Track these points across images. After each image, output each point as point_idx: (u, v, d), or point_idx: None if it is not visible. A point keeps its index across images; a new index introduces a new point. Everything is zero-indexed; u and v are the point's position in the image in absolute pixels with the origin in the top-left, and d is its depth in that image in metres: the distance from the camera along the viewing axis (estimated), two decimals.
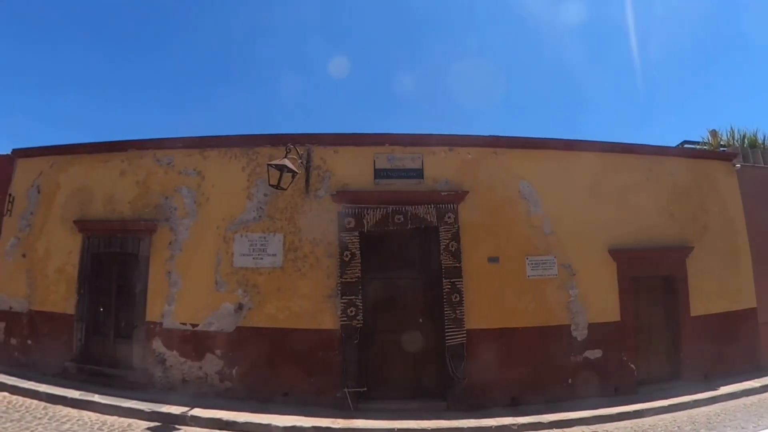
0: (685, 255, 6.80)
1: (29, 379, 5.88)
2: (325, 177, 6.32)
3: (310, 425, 5.08)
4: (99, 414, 5.23)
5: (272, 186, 5.66)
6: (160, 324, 6.15)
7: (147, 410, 5.24)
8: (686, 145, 9.28)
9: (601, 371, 6.18)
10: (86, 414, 5.21)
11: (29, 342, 6.57)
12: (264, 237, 6.21)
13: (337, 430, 5.05)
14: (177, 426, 5.08)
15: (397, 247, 6.24)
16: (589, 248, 6.42)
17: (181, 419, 5.17)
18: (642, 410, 5.64)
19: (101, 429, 4.83)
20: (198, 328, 6.07)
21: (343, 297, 5.91)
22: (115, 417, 5.19)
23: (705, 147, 9.29)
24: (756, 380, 6.49)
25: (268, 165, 5.63)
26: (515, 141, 6.60)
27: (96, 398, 5.43)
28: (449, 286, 5.96)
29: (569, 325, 6.21)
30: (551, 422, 5.32)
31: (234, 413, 5.25)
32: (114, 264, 6.56)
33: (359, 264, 5.97)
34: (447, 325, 5.89)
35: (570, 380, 6.09)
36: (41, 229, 6.83)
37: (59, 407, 5.33)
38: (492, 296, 6.06)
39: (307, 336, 5.92)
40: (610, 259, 6.49)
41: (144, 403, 5.37)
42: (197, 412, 5.24)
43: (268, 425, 5.07)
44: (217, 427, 5.09)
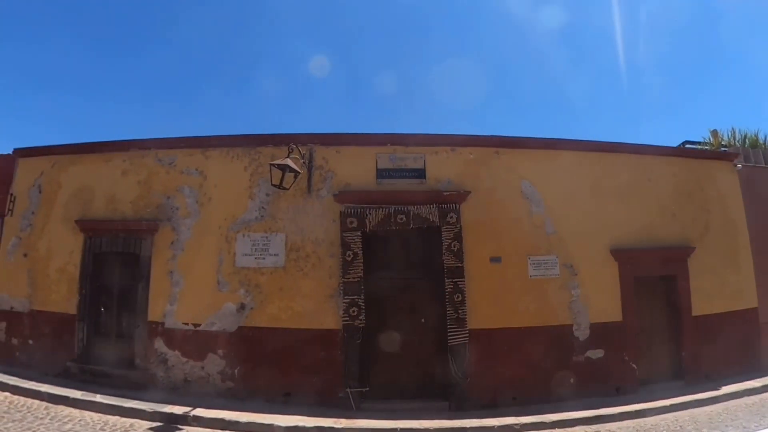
0: (687, 255, 6.81)
1: (31, 379, 5.87)
2: (327, 177, 6.32)
3: (313, 425, 5.07)
4: (101, 414, 5.23)
5: (274, 186, 5.66)
6: (162, 324, 6.15)
7: (149, 410, 5.23)
8: (687, 146, 9.30)
9: (603, 371, 6.18)
10: (88, 414, 5.21)
11: (30, 342, 6.55)
12: (266, 237, 6.21)
13: (340, 430, 5.05)
14: (179, 426, 5.07)
15: (400, 247, 6.24)
16: (591, 248, 6.43)
17: (184, 419, 5.16)
18: (644, 410, 5.64)
19: (103, 429, 4.83)
20: (200, 328, 6.06)
21: (346, 297, 5.91)
22: (117, 417, 5.18)
23: (706, 147, 9.32)
24: (757, 380, 6.50)
25: (271, 165, 5.63)
26: (517, 141, 6.61)
27: (98, 398, 5.43)
28: (451, 286, 5.96)
29: (571, 325, 6.22)
30: (553, 422, 5.33)
31: (236, 413, 5.24)
32: (116, 264, 6.55)
33: (361, 264, 5.97)
34: (449, 325, 5.89)
35: (572, 380, 6.09)
36: (42, 229, 6.82)
37: (61, 407, 5.33)
38: (494, 296, 6.06)
39: (310, 336, 5.92)
40: (612, 259, 6.49)
41: (146, 403, 5.36)
42: (199, 412, 5.24)
43: (271, 425, 5.06)
44: (220, 427, 5.08)
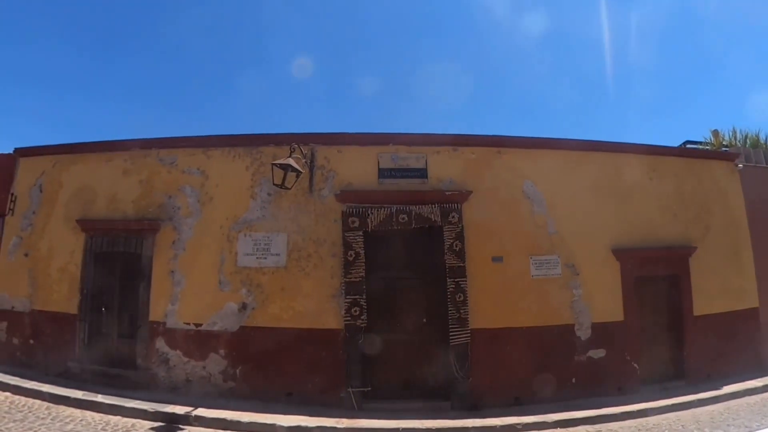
0: (688, 255, 6.82)
1: (32, 379, 5.85)
2: (329, 176, 6.31)
3: (315, 425, 5.06)
4: (102, 414, 5.22)
5: (276, 185, 5.65)
6: (164, 323, 6.14)
7: (151, 410, 5.22)
8: (688, 146, 9.31)
9: (605, 371, 6.18)
10: (89, 414, 5.19)
11: (31, 342, 6.54)
12: (268, 236, 6.20)
13: (342, 430, 5.04)
14: (181, 426, 5.06)
15: (401, 247, 6.22)
16: (593, 248, 6.43)
17: (185, 419, 5.15)
18: (646, 409, 5.65)
19: (105, 429, 4.81)
20: (201, 328, 6.06)
21: (347, 297, 5.90)
22: (119, 417, 5.17)
23: (707, 147, 9.32)
24: (759, 380, 6.51)
25: (273, 164, 5.62)
26: (519, 141, 6.60)
27: (99, 398, 5.41)
28: (453, 286, 5.95)
29: (573, 325, 6.21)
30: (555, 421, 5.32)
31: (238, 413, 5.23)
32: (117, 263, 6.52)
33: (363, 263, 5.96)
34: (451, 325, 5.89)
35: (574, 380, 6.09)
36: (44, 229, 6.81)
37: (62, 407, 5.31)
38: (496, 296, 6.06)
39: (311, 336, 5.91)
40: (614, 259, 6.49)
41: (147, 403, 5.35)
42: (201, 412, 5.23)
43: (273, 425, 5.05)
44: (222, 427, 5.07)
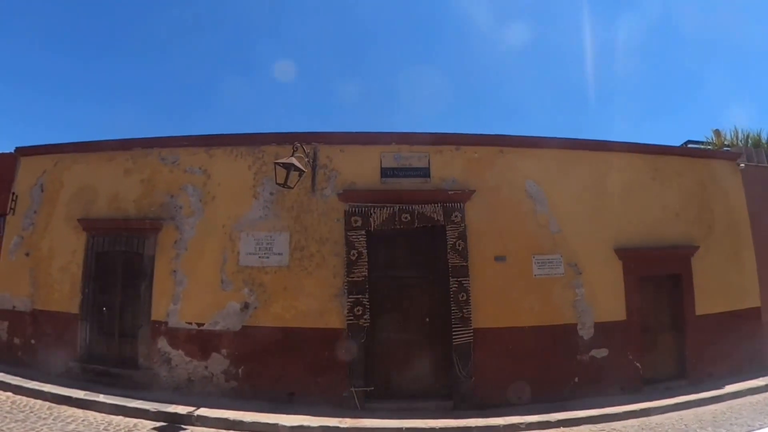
0: (690, 254, 6.82)
1: (33, 379, 5.83)
2: (332, 176, 6.30)
3: (318, 425, 5.05)
4: (104, 414, 5.20)
5: (279, 185, 5.63)
6: (166, 323, 6.12)
7: (153, 410, 5.21)
8: (689, 145, 9.31)
9: (607, 370, 6.17)
10: (91, 414, 5.18)
11: (33, 342, 6.51)
12: (270, 236, 6.18)
13: (345, 430, 5.03)
14: (183, 426, 5.05)
15: (404, 246, 6.21)
16: (595, 247, 6.42)
17: (188, 419, 5.14)
18: (649, 409, 5.64)
19: (107, 429, 4.80)
20: (203, 328, 6.04)
21: (350, 296, 5.89)
22: (121, 417, 5.15)
23: (709, 147, 9.33)
24: (761, 379, 6.51)
25: (275, 163, 5.60)
26: (522, 140, 6.59)
27: (101, 398, 5.40)
28: (456, 285, 5.95)
29: (575, 324, 6.21)
30: (559, 421, 5.32)
31: (240, 413, 5.22)
32: (119, 263, 6.51)
33: (366, 263, 5.95)
34: (454, 324, 5.88)
35: (576, 379, 6.08)
36: (45, 228, 6.79)
37: (64, 407, 5.30)
38: (499, 295, 6.05)
39: (314, 335, 5.89)
40: (616, 258, 6.49)
41: (149, 403, 5.33)
42: (203, 412, 5.21)
43: (276, 425, 5.04)
44: (224, 427, 5.06)
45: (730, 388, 6.20)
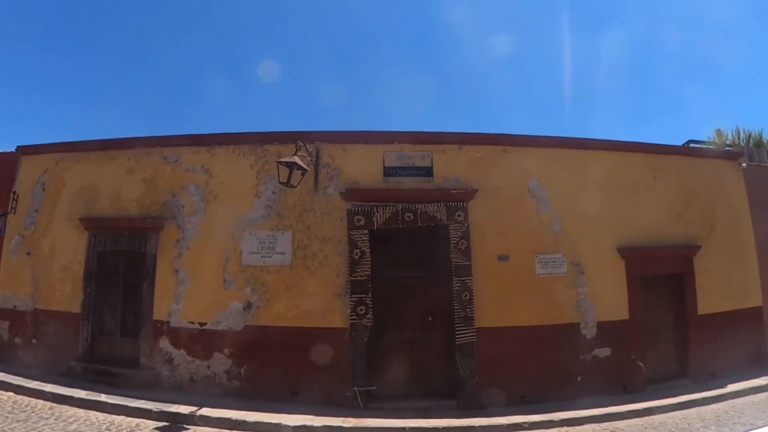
0: (693, 253, 6.82)
1: (34, 379, 5.81)
2: (334, 175, 6.29)
3: (321, 424, 5.04)
4: (106, 414, 5.18)
5: (282, 183, 5.62)
6: (168, 323, 6.10)
7: (155, 410, 5.19)
8: (691, 145, 9.31)
9: (610, 369, 6.17)
10: (93, 414, 5.16)
11: (34, 341, 6.49)
12: (273, 235, 6.17)
13: (348, 429, 5.02)
14: (186, 426, 5.03)
15: (407, 246, 6.19)
16: (598, 246, 6.42)
17: (190, 419, 5.12)
18: (652, 408, 5.64)
19: (109, 429, 4.78)
20: (206, 327, 6.02)
21: (353, 295, 5.87)
22: (123, 417, 5.14)
23: (710, 146, 9.33)
24: (763, 378, 6.50)
25: (278, 162, 5.59)
26: (524, 139, 6.59)
27: (103, 398, 5.38)
28: (459, 285, 5.94)
29: (578, 324, 6.20)
30: (562, 420, 5.31)
31: (243, 413, 5.20)
32: (120, 262, 6.49)
33: (369, 262, 5.94)
34: (457, 324, 5.87)
35: (579, 378, 6.08)
36: (46, 227, 6.76)
37: (65, 407, 5.28)
38: (502, 294, 6.04)
39: (317, 335, 5.88)
40: (619, 258, 6.49)
41: (152, 403, 5.32)
42: (206, 412, 5.20)
43: (278, 424, 5.03)
44: (227, 427, 5.04)
45: (733, 387, 6.20)
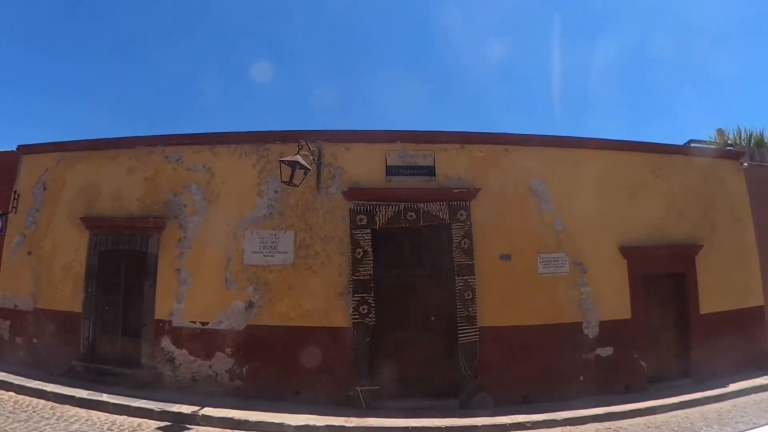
0: (695, 253, 6.83)
1: (35, 379, 5.79)
2: (336, 174, 6.28)
3: (324, 424, 5.02)
4: (108, 414, 5.16)
5: (284, 183, 5.60)
6: (169, 322, 6.09)
7: (157, 410, 5.17)
8: (692, 144, 9.31)
9: (612, 369, 6.17)
10: (95, 414, 5.14)
11: (35, 341, 6.47)
12: (275, 234, 6.16)
13: (351, 429, 5.01)
14: (188, 425, 5.01)
15: (410, 245, 6.20)
16: (600, 246, 6.42)
17: (192, 418, 5.10)
18: (654, 407, 5.64)
19: (111, 429, 4.76)
20: (208, 327, 6.01)
21: (356, 295, 5.86)
22: (125, 417, 5.11)
23: (712, 146, 9.34)
24: (765, 377, 6.51)
25: (281, 161, 5.58)
26: (527, 139, 6.59)
27: (104, 398, 5.36)
28: (462, 284, 5.93)
29: (581, 323, 6.20)
30: (565, 419, 5.31)
31: (245, 412, 5.19)
32: (122, 261, 6.47)
33: (371, 261, 5.93)
34: (460, 323, 5.86)
35: (581, 378, 6.08)
36: (47, 227, 6.75)
37: (67, 407, 5.26)
38: (504, 294, 6.04)
39: (319, 334, 5.87)
40: (621, 257, 6.49)
41: (153, 403, 5.30)
42: (208, 411, 5.18)
43: (281, 424, 5.01)
44: (229, 427, 5.02)
45: (735, 387, 6.20)
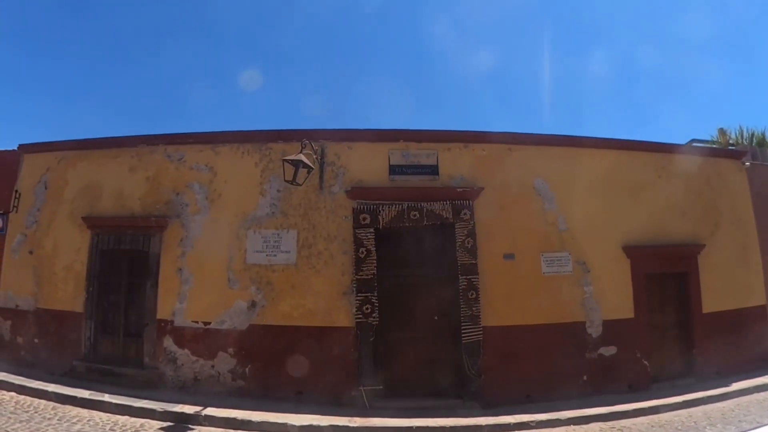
0: (697, 252, 6.83)
1: (37, 379, 5.75)
2: (339, 173, 6.26)
3: (327, 424, 5.00)
4: (110, 414, 5.13)
5: (287, 182, 5.59)
6: (171, 322, 6.06)
7: (159, 410, 5.14)
8: (694, 144, 9.34)
9: (616, 368, 6.17)
10: (97, 414, 5.11)
11: (36, 341, 6.43)
12: (277, 233, 6.13)
13: (355, 429, 4.99)
14: (191, 426, 4.99)
15: (413, 244, 6.15)
16: (603, 245, 6.42)
17: (195, 419, 5.08)
18: (657, 406, 5.63)
19: (113, 429, 4.73)
20: (210, 326, 5.98)
21: (359, 294, 5.85)
22: (127, 417, 5.09)
23: (714, 145, 9.36)
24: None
25: (284, 160, 5.57)
26: (530, 138, 6.57)
27: (106, 398, 5.33)
28: (465, 283, 5.92)
29: (584, 322, 6.20)
30: (569, 419, 5.30)
31: (248, 412, 5.16)
32: (124, 261, 6.45)
33: (374, 261, 5.91)
34: (463, 322, 5.85)
35: (585, 377, 6.08)
36: (49, 226, 6.71)
37: (69, 407, 5.23)
38: (507, 293, 6.02)
39: (322, 334, 5.85)
40: (624, 256, 6.49)
41: (156, 403, 5.27)
42: (211, 412, 5.16)
43: (285, 424, 4.99)
44: (232, 427, 5.00)
45: (737, 386, 6.20)
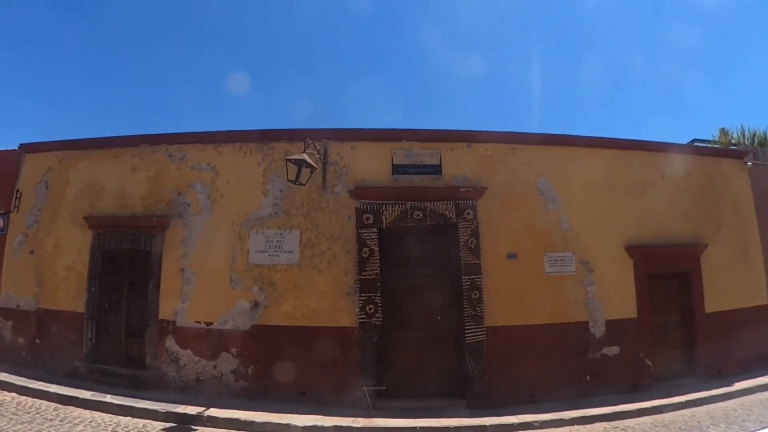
0: (700, 252, 6.83)
1: (38, 380, 5.73)
2: (342, 173, 6.24)
3: (331, 424, 4.99)
4: (112, 415, 5.12)
5: (290, 181, 5.56)
6: (174, 322, 6.03)
7: (162, 411, 5.13)
8: (696, 144, 9.35)
9: (619, 368, 6.16)
10: (99, 415, 5.09)
11: (37, 341, 6.40)
12: (280, 233, 6.11)
13: (359, 429, 4.98)
14: (193, 426, 4.98)
15: (416, 244, 6.14)
16: (607, 245, 6.41)
17: (198, 420, 5.07)
18: (661, 406, 5.64)
19: (115, 430, 4.72)
20: (212, 327, 5.95)
21: (362, 294, 5.82)
22: (129, 418, 5.07)
23: (715, 145, 9.37)
24: None
25: (287, 160, 5.54)
26: (533, 137, 6.56)
27: (108, 399, 5.31)
28: (469, 283, 5.90)
29: (587, 322, 6.19)
30: (572, 419, 5.30)
31: (251, 413, 5.15)
32: (125, 261, 6.42)
33: (378, 261, 5.89)
34: (466, 323, 5.83)
35: (588, 377, 6.06)
36: (50, 226, 6.67)
37: (70, 408, 5.21)
38: (511, 293, 6.01)
39: (325, 334, 5.82)
40: (627, 256, 6.48)
41: (158, 404, 5.25)
42: (214, 412, 5.14)
43: (288, 425, 4.98)
44: (235, 428, 4.99)
45: (740, 385, 6.21)
